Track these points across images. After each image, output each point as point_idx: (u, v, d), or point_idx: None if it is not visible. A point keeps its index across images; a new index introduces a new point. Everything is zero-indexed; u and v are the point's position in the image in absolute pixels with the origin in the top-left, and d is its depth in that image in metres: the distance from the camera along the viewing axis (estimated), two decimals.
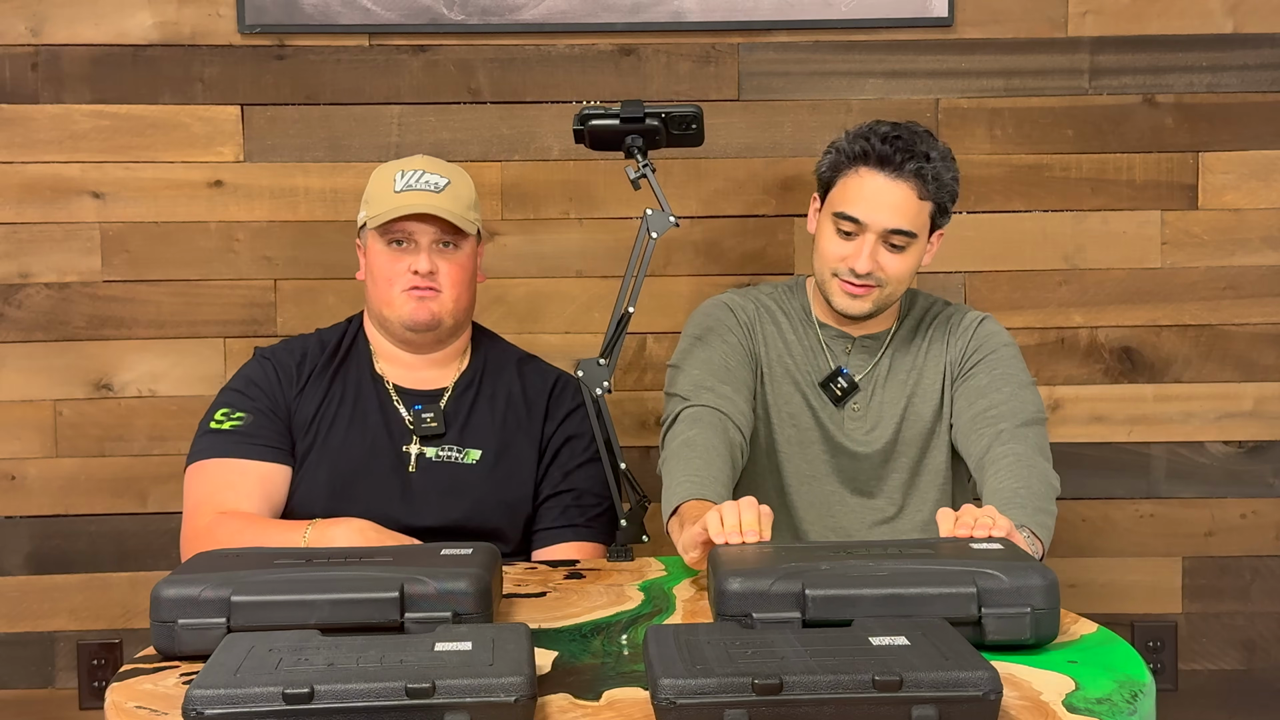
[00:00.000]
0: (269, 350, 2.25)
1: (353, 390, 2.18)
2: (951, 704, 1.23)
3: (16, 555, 2.68)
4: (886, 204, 2.11)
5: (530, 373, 2.27)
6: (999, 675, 1.25)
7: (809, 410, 2.23)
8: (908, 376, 2.23)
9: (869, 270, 2.12)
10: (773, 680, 1.23)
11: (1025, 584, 1.48)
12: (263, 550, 1.72)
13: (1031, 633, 1.48)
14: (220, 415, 2.15)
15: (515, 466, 2.17)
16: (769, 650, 1.32)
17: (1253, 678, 2.79)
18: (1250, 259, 2.74)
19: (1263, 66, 2.71)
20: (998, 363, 2.18)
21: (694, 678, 1.24)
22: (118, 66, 2.64)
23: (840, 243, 2.14)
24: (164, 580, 1.53)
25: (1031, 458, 2.02)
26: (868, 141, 2.13)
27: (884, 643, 1.33)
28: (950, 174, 2.15)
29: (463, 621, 1.49)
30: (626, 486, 2.12)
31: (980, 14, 2.69)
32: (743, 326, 2.24)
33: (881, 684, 1.23)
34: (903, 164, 2.10)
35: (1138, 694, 1.38)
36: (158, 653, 1.52)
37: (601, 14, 2.66)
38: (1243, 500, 2.77)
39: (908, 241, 2.13)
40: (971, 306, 2.29)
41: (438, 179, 2.15)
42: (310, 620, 1.47)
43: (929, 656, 1.29)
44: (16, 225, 2.65)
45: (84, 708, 2.70)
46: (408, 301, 2.13)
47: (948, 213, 2.19)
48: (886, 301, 2.17)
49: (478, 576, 1.54)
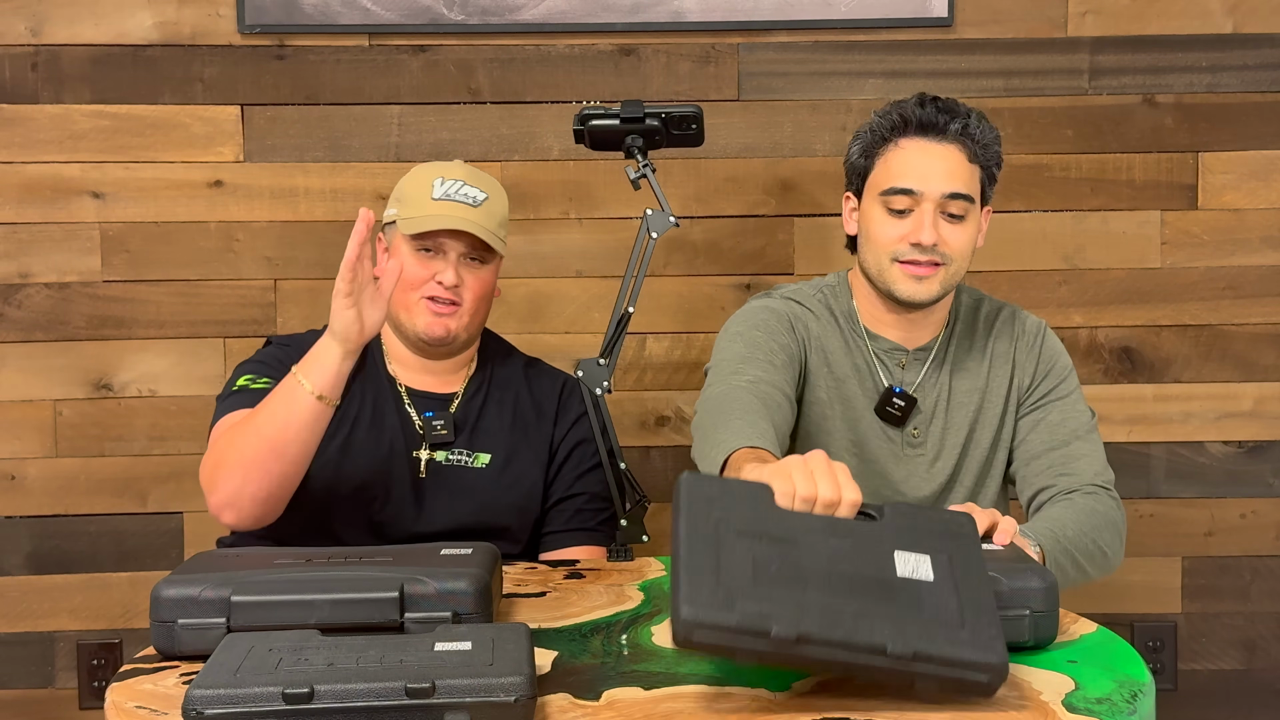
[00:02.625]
0: (288, 338, 2.19)
1: (372, 391, 2.16)
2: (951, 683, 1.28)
3: (16, 555, 2.68)
4: (939, 169, 1.96)
5: (537, 377, 2.26)
6: (1006, 667, 1.30)
7: (859, 445, 2.06)
8: (968, 399, 2.07)
9: (934, 241, 1.95)
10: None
11: (1024, 586, 1.46)
12: (263, 550, 1.72)
13: (1030, 635, 1.46)
14: (245, 380, 2.08)
15: (524, 469, 2.17)
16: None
17: (1252, 678, 2.80)
18: (1250, 259, 2.74)
19: (1263, 66, 2.71)
20: (1069, 396, 2.05)
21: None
22: (118, 66, 2.64)
23: (895, 222, 1.98)
24: (164, 580, 1.53)
25: (1100, 521, 1.93)
26: (905, 111, 1.99)
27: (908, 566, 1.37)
28: (992, 134, 2.02)
29: (462, 621, 1.49)
30: (627, 486, 2.12)
31: (980, 14, 2.69)
32: (793, 332, 2.05)
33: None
34: (946, 126, 1.97)
35: (1138, 694, 1.38)
36: (158, 653, 1.52)
37: (601, 14, 2.66)
38: (1242, 500, 2.77)
39: (966, 209, 1.97)
40: (1018, 306, 2.16)
41: (477, 193, 2.11)
42: (310, 620, 1.46)
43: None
44: (16, 225, 2.65)
45: (84, 708, 2.70)
46: (425, 313, 2.10)
47: (994, 182, 2.04)
48: (951, 283, 2.00)
49: (477, 576, 1.54)
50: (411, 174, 2.17)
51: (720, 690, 1.38)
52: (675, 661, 1.49)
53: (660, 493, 2.50)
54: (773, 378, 1.96)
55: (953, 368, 2.08)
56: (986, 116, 2.05)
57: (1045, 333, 2.12)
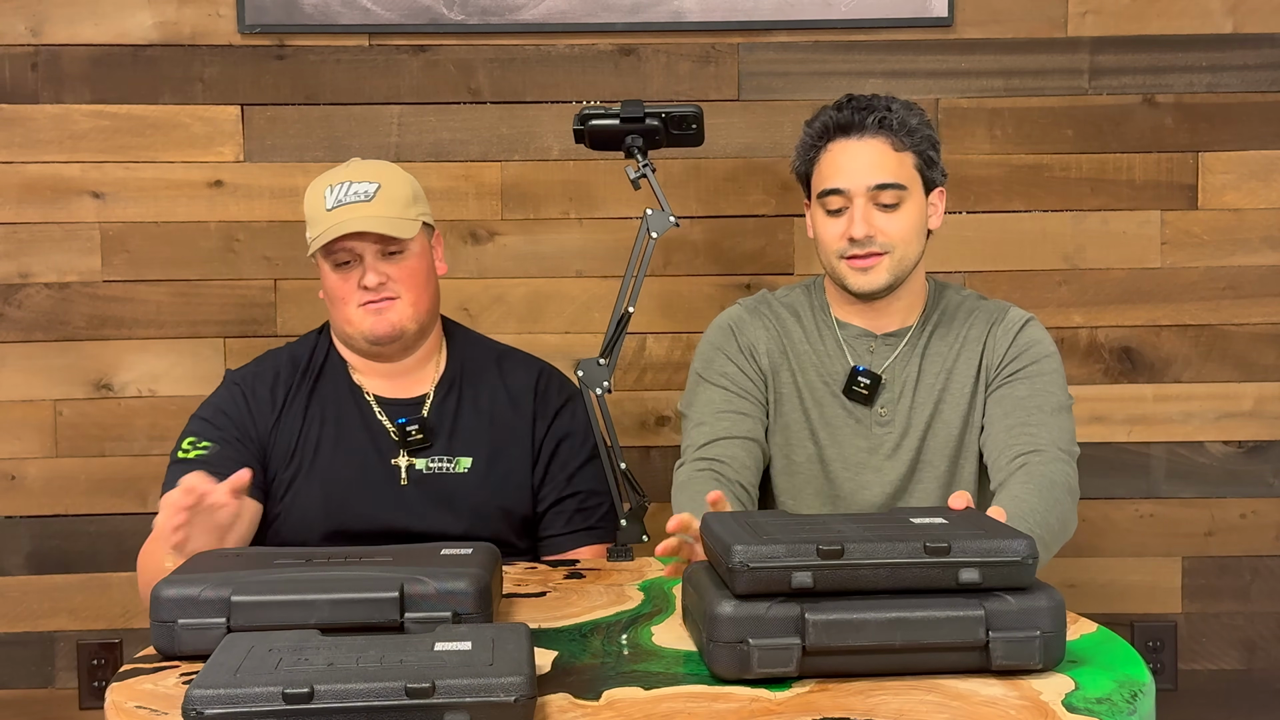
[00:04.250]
0: (240, 375, 2.17)
1: (333, 409, 2.12)
2: (994, 567, 1.40)
3: (16, 555, 2.68)
4: (861, 164, 2.06)
5: (511, 369, 2.20)
6: (1035, 542, 1.42)
7: (826, 428, 2.15)
8: (935, 379, 2.14)
9: (866, 233, 2.05)
10: (835, 546, 1.38)
11: (1034, 606, 1.41)
12: (263, 550, 1.72)
13: (1040, 658, 1.41)
14: (186, 444, 2.08)
15: (510, 470, 2.14)
16: (826, 527, 1.47)
17: (1252, 678, 2.79)
18: (1250, 259, 2.74)
19: (1263, 66, 2.71)
20: (1040, 376, 2.09)
21: (764, 544, 1.39)
22: (118, 66, 2.64)
23: (834, 222, 2.09)
24: (164, 580, 1.53)
25: (1061, 493, 1.95)
26: (825, 117, 2.10)
27: (925, 521, 1.51)
28: (917, 119, 2.10)
29: (463, 621, 1.49)
30: (626, 486, 2.12)
31: (980, 14, 2.69)
32: (745, 352, 2.17)
33: (932, 550, 1.40)
34: (863, 122, 2.07)
35: (1137, 694, 1.38)
36: (158, 652, 1.52)
37: (601, 14, 2.66)
38: (1242, 500, 2.77)
39: (898, 196, 2.07)
40: (1013, 304, 2.20)
41: (366, 186, 2.06)
42: (310, 620, 1.47)
43: (969, 530, 1.45)
44: (16, 225, 2.65)
45: (84, 708, 2.70)
46: (365, 317, 2.06)
47: (936, 165, 2.12)
48: (900, 270, 2.08)
49: (477, 576, 1.54)
50: (308, 191, 2.13)
51: (720, 690, 1.38)
52: (675, 661, 1.49)
53: (660, 493, 2.49)
54: (736, 427, 2.10)
55: (924, 352, 2.15)
56: (912, 104, 2.12)
57: (1030, 323, 2.15)
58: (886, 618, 1.38)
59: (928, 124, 2.12)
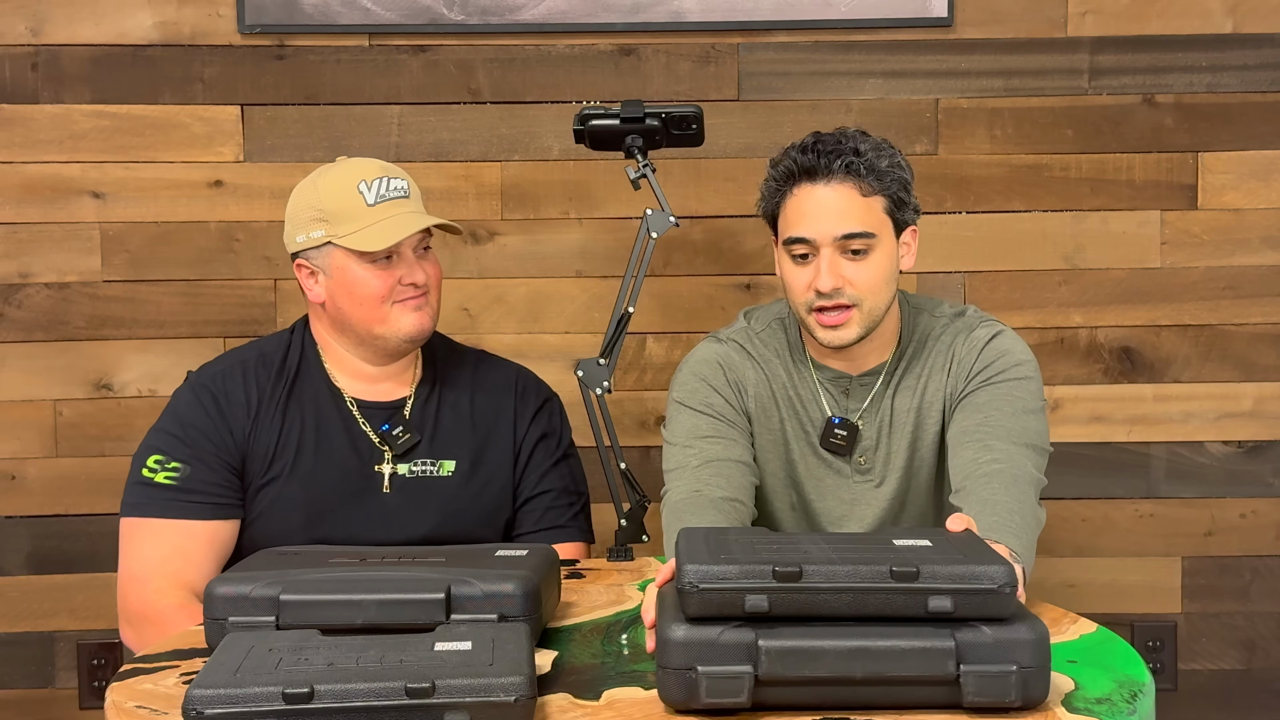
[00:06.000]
0: (207, 378, 2.09)
1: (312, 414, 2.07)
2: (967, 595, 1.29)
3: (16, 555, 2.68)
4: (827, 212, 1.93)
5: (488, 372, 2.18)
6: (1014, 570, 1.31)
7: (810, 479, 2.07)
8: (907, 418, 2.04)
9: (835, 286, 1.93)
10: (792, 568, 1.29)
11: (1012, 638, 1.29)
12: (320, 549, 1.74)
13: (1018, 694, 1.29)
14: (153, 463, 2.01)
15: (492, 473, 2.12)
16: (794, 546, 1.37)
17: (1252, 678, 2.79)
18: (1250, 259, 2.74)
19: (1263, 66, 2.71)
20: (1005, 383, 1.98)
21: (717, 564, 1.30)
22: (118, 66, 2.64)
23: (800, 271, 1.96)
24: (217, 578, 1.56)
25: (1024, 486, 1.85)
26: (789, 160, 1.97)
27: (907, 543, 1.40)
28: (887, 161, 1.95)
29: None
30: (626, 486, 2.12)
31: (980, 14, 2.69)
32: (733, 387, 2.06)
33: (899, 574, 1.29)
34: (829, 166, 1.93)
35: (1137, 694, 1.38)
36: (210, 648, 1.51)
37: (601, 14, 2.66)
38: (1242, 500, 2.77)
39: (867, 244, 1.94)
40: (987, 318, 2.07)
41: (402, 183, 2.04)
42: (357, 620, 1.47)
43: (946, 555, 1.34)
44: (16, 225, 2.65)
45: (84, 707, 2.70)
46: (405, 314, 2.02)
47: (907, 205, 1.99)
48: (870, 320, 1.97)
49: (526, 579, 1.52)
50: (324, 187, 2.04)
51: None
52: None
53: (659, 492, 2.50)
54: (727, 451, 1.98)
55: (896, 389, 2.06)
56: (883, 143, 1.98)
57: (999, 335, 2.04)
58: (847, 646, 1.28)
59: (899, 164, 1.98)
